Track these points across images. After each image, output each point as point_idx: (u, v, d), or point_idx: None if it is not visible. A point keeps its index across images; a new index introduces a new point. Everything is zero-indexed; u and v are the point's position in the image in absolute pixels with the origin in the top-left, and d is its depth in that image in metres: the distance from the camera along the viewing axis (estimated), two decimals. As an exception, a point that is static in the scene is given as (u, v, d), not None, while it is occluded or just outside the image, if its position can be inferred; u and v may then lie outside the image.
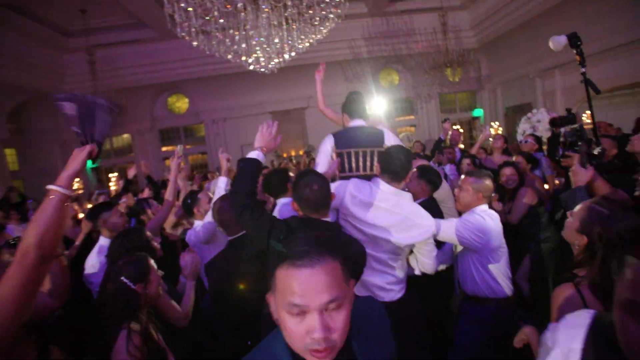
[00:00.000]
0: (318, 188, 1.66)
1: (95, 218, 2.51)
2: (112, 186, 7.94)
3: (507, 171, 3.22)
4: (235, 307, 1.97)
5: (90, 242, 2.98)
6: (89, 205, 4.37)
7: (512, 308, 2.19)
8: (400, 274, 1.99)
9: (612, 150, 3.06)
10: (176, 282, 2.25)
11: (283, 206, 2.38)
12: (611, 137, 3.31)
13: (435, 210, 2.39)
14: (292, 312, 0.78)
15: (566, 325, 1.00)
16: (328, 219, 1.73)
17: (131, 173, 4.93)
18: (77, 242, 3.10)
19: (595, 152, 1.98)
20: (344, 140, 2.40)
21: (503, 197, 3.29)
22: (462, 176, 2.27)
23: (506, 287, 2.13)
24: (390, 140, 2.37)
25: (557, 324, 1.03)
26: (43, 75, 9.31)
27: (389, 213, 1.88)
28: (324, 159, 2.38)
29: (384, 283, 1.93)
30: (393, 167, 1.91)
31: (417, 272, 2.09)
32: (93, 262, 2.36)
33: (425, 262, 2.03)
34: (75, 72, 9.90)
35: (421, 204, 2.08)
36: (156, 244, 2.12)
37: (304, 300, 0.76)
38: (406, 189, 2.31)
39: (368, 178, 2.08)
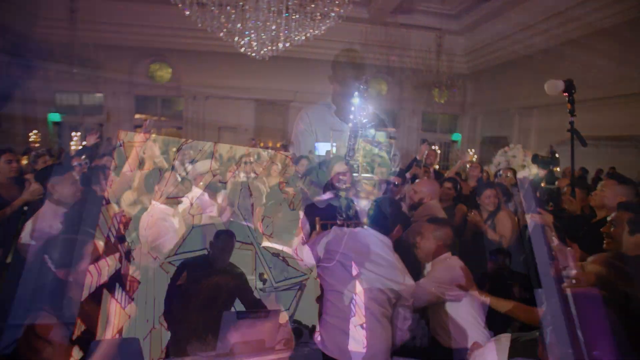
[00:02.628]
0: None
1: (44, 180, 2.27)
2: (73, 146, 7.42)
3: (488, 192, 3.22)
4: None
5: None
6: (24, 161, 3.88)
7: None
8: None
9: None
10: None
11: None
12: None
13: None
14: None
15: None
16: None
17: (91, 139, 4.03)
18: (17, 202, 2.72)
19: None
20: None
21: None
22: (424, 223, 2.22)
23: (482, 335, 2.02)
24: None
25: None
26: (14, 10, 8.41)
27: (382, 259, 1.81)
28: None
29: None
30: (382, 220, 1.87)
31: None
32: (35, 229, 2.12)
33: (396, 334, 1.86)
34: (52, 16, 9.14)
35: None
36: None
37: None
38: None
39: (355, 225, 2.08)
